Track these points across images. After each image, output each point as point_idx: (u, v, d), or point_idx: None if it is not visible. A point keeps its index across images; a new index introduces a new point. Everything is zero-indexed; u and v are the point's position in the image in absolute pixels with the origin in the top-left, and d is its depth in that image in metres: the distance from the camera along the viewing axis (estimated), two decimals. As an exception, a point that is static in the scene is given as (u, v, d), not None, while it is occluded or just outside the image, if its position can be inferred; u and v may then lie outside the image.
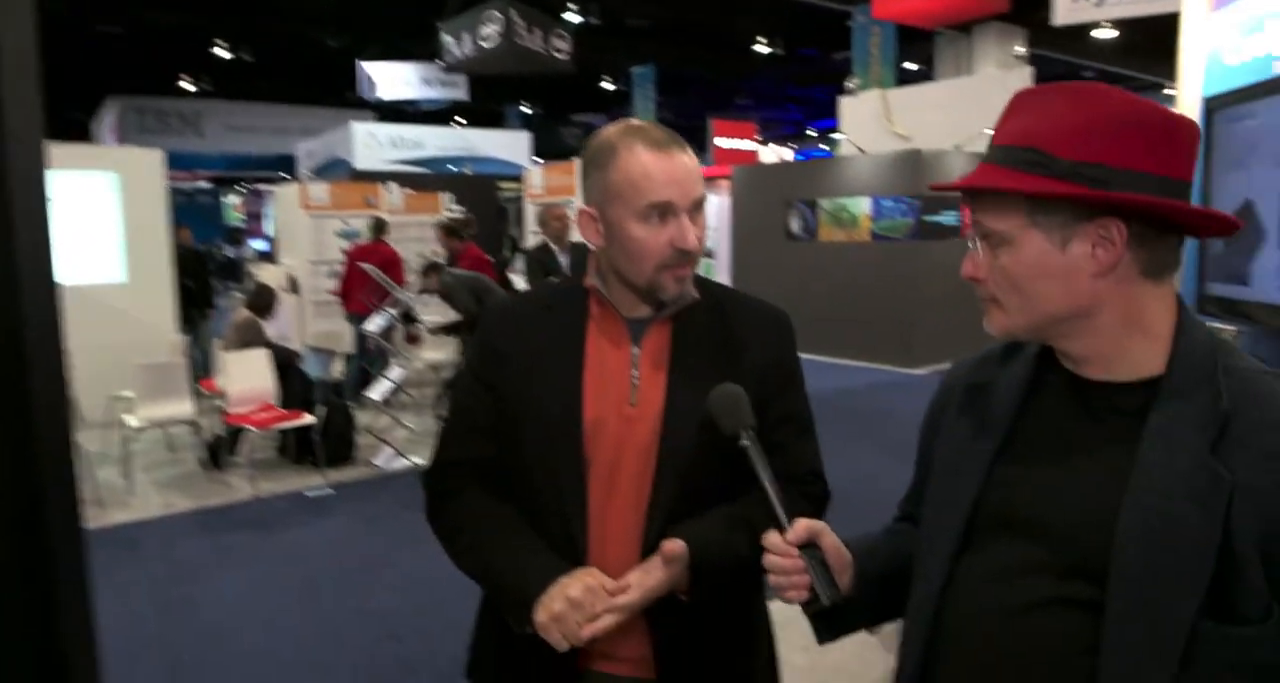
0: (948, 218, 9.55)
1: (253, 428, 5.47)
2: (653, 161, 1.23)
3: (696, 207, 1.27)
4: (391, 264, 7.37)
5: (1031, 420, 0.99)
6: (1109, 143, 0.87)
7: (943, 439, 1.09)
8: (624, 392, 1.30)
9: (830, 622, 1.10)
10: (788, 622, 1.42)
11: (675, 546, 1.19)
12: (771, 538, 1.05)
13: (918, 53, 15.45)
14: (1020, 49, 11.42)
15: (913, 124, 11.45)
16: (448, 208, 10.01)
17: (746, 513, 1.25)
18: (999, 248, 0.93)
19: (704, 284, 1.38)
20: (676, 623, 1.27)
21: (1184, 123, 0.90)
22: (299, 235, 8.90)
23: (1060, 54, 14.73)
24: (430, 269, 6.19)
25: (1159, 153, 0.88)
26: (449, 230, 7.27)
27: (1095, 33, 13.74)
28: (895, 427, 6.55)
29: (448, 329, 6.39)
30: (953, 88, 11.96)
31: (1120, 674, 0.84)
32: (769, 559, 1.05)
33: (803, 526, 1.04)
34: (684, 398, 1.27)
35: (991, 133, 0.97)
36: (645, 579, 1.21)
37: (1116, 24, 13.12)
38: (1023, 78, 10.49)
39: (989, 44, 13.24)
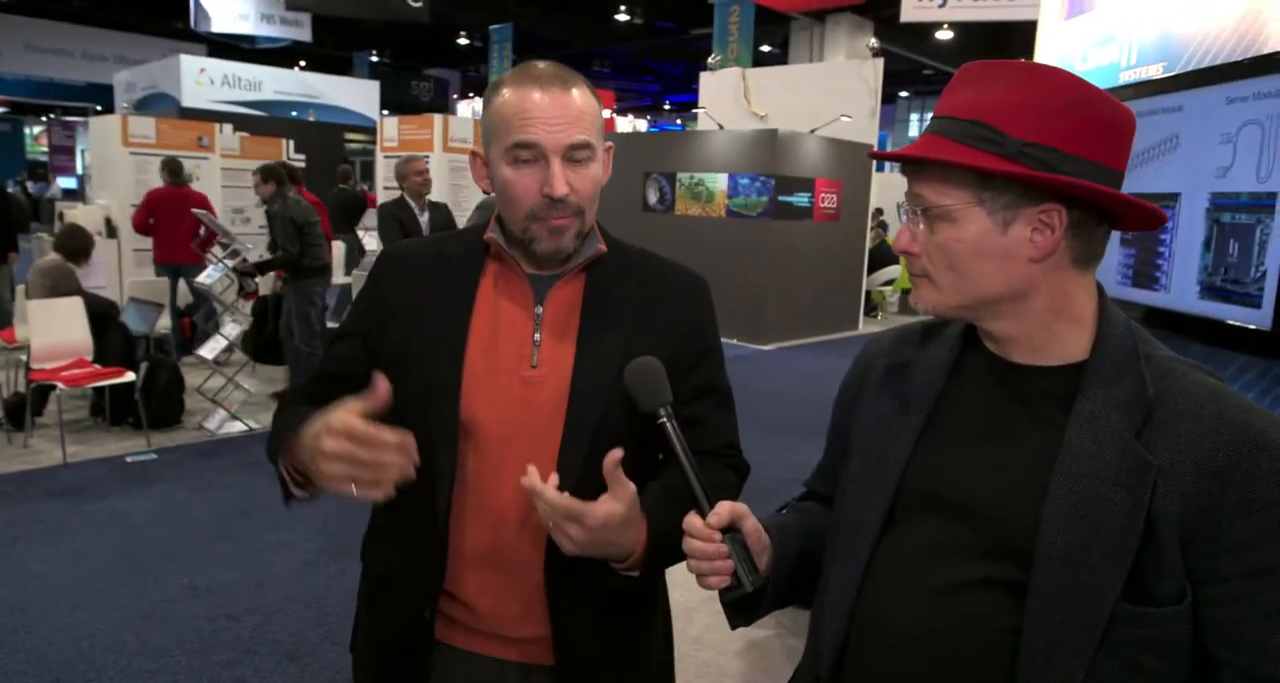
0: (800, 199, 9.86)
1: (62, 385, 4.94)
2: (524, 99, 1.13)
3: (574, 152, 1.14)
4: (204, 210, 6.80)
5: (955, 402, 0.99)
6: (1060, 126, 0.86)
7: (862, 419, 1.07)
8: (523, 353, 1.21)
9: (745, 606, 1.07)
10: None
11: (615, 454, 1.04)
12: (693, 521, 1.01)
13: (773, 35, 15.85)
14: (874, 41, 11.89)
15: (768, 105, 11.73)
16: (290, 157, 9.38)
17: (673, 491, 1.18)
18: (938, 223, 0.90)
19: (617, 243, 1.31)
20: (577, 604, 1.19)
21: (1126, 114, 0.90)
22: (118, 174, 8.09)
23: (904, 50, 15.48)
24: (268, 175, 5.67)
25: (1105, 142, 0.88)
26: (269, 174, 6.12)
27: (938, 34, 14.57)
28: (742, 400, 6.66)
29: (261, 266, 5.97)
30: (808, 73, 12.32)
31: (1040, 654, 0.85)
32: (690, 544, 1.01)
33: (726, 509, 1.00)
34: (593, 362, 1.19)
35: (841, 118, 0.94)
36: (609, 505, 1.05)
37: (954, 27, 13.95)
38: (875, 69, 10.94)
39: (840, 33, 13.76)
